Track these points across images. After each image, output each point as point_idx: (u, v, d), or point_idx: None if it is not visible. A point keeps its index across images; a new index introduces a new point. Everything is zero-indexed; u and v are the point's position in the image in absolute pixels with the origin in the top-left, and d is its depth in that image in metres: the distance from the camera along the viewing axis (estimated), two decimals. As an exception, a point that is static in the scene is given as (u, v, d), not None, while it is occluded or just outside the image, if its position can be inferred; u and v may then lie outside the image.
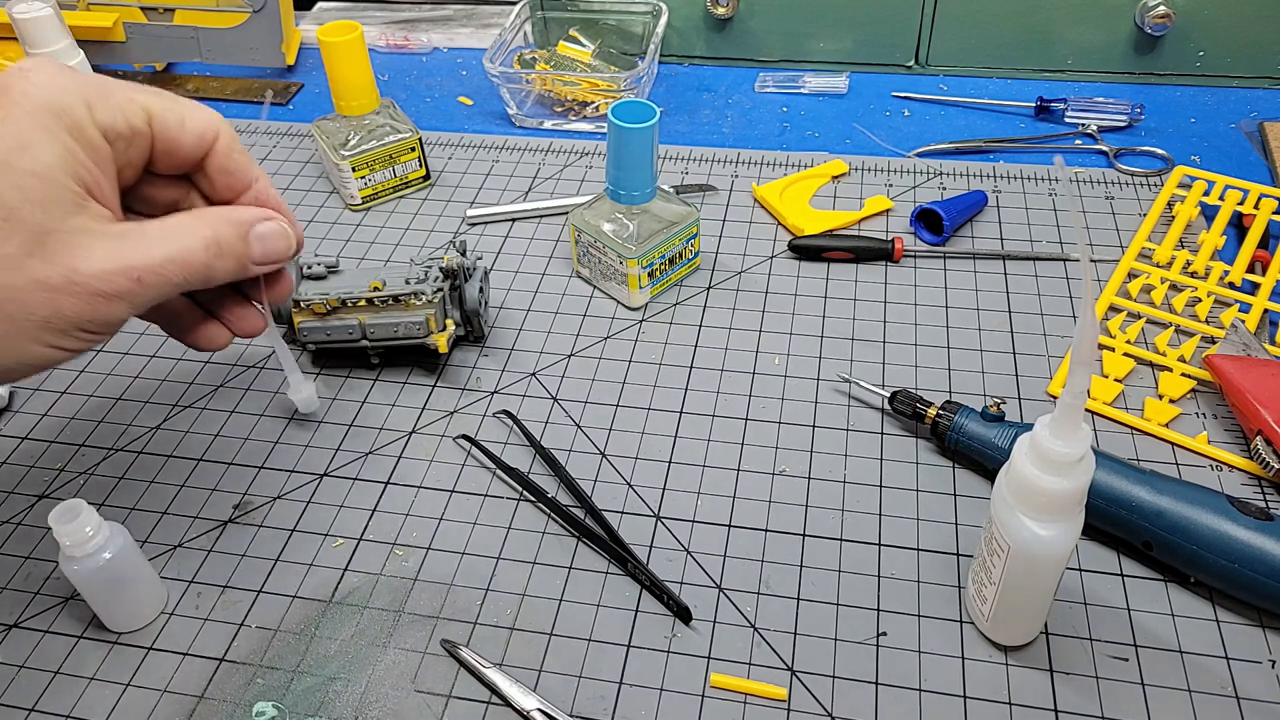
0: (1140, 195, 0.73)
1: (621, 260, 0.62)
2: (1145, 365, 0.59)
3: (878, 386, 0.57)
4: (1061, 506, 0.39)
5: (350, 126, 0.73)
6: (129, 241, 0.42)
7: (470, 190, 0.77)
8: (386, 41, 0.98)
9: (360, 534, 0.52)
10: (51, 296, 0.40)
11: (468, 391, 0.60)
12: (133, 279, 0.41)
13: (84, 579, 0.45)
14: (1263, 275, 0.63)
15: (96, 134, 0.42)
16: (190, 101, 0.46)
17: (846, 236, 0.68)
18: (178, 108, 0.45)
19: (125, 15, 0.89)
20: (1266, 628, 0.45)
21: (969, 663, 0.45)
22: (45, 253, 0.40)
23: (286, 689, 0.45)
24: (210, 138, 0.46)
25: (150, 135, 0.44)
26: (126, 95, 0.43)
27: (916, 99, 0.86)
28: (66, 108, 0.41)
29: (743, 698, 0.44)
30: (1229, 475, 0.52)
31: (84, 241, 0.41)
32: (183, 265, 0.43)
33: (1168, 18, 0.80)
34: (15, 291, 0.39)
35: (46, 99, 0.41)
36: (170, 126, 0.44)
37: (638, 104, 0.59)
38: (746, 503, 0.52)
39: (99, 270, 0.40)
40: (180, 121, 0.45)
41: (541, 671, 0.45)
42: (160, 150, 0.45)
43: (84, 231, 0.41)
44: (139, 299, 0.42)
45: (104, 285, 0.41)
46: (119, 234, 0.42)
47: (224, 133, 0.46)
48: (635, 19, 0.90)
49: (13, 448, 0.57)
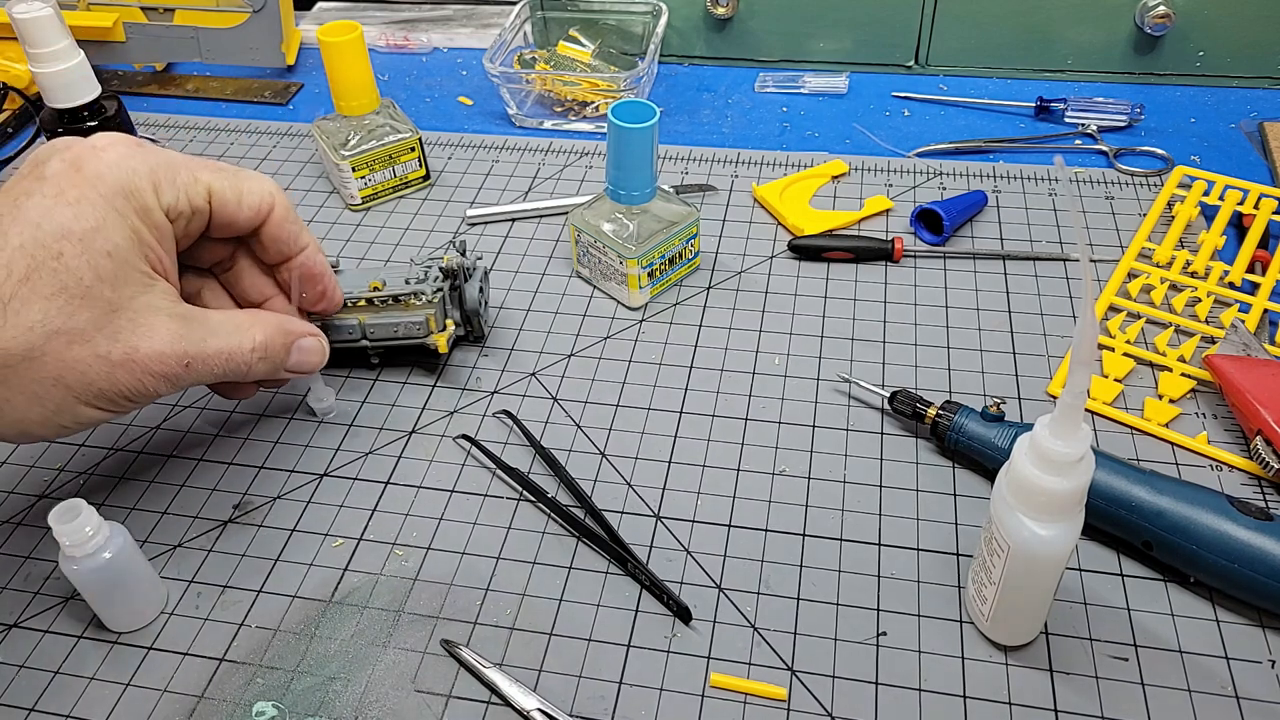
0: (1140, 195, 0.73)
1: (621, 260, 0.62)
2: (1145, 365, 0.59)
3: (878, 386, 0.57)
4: (1061, 506, 0.39)
5: (350, 126, 0.73)
6: (189, 328, 0.45)
7: (470, 190, 0.77)
8: (386, 41, 0.98)
9: (360, 534, 0.52)
10: (110, 370, 0.43)
11: (468, 391, 0.60)
12: (183, 365, 0.45)
13: (84, 579, 0.45)
14: (1263, 275, 0.63)
15: (162, 215, 0.45)
16: (248, 173, 0.49)
17: (846, 236, 0.68)
18: (237, 183, 0.48)
19: (125, 15, 0.89)
20: (1266, 628, 0.45)
21: (969, 663, 0.45)
22: (112, 329, 0.43)
23: (286, 689, 0.45)
24: (265, 210, 0.49)
25: (209, 212, 0.48)
26: (190, 175, 0.46)
27: (916, 99, 0.86)
28: (136, 191, 0.44)
29: (743, 698, 0.44)
30: (1229, 475, 0.52)
31: (148, 321, 0.44)
32: (228, 360, 0.47)
33: (1168, 18, 0.80)
34: (79, 363, 0.42)
35: (118, 182, 0.44)
36: (229, 204, 0.48)
37: (638, 104, 0.59)
38: (746, 503, 0.52)
39: (156, 352, 0.44)
40: (238, 198, 0.48)
41: (541, 671, 0.45)
42: (217, 224, 0.49)
43: (150, 310, 0.44)
44: (183, 382, 0.46)
45: (157, 366, 0.44)
46: (183, 317, 0.46)
47: (279, 204, 0.50)
48: (635, 19, 0.90)
49: (13, 448, 0.57)
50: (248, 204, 0.48)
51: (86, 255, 0.42)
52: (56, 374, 0.42)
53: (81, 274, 0.41)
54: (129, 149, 0.45)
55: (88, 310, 0.42)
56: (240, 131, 0.85)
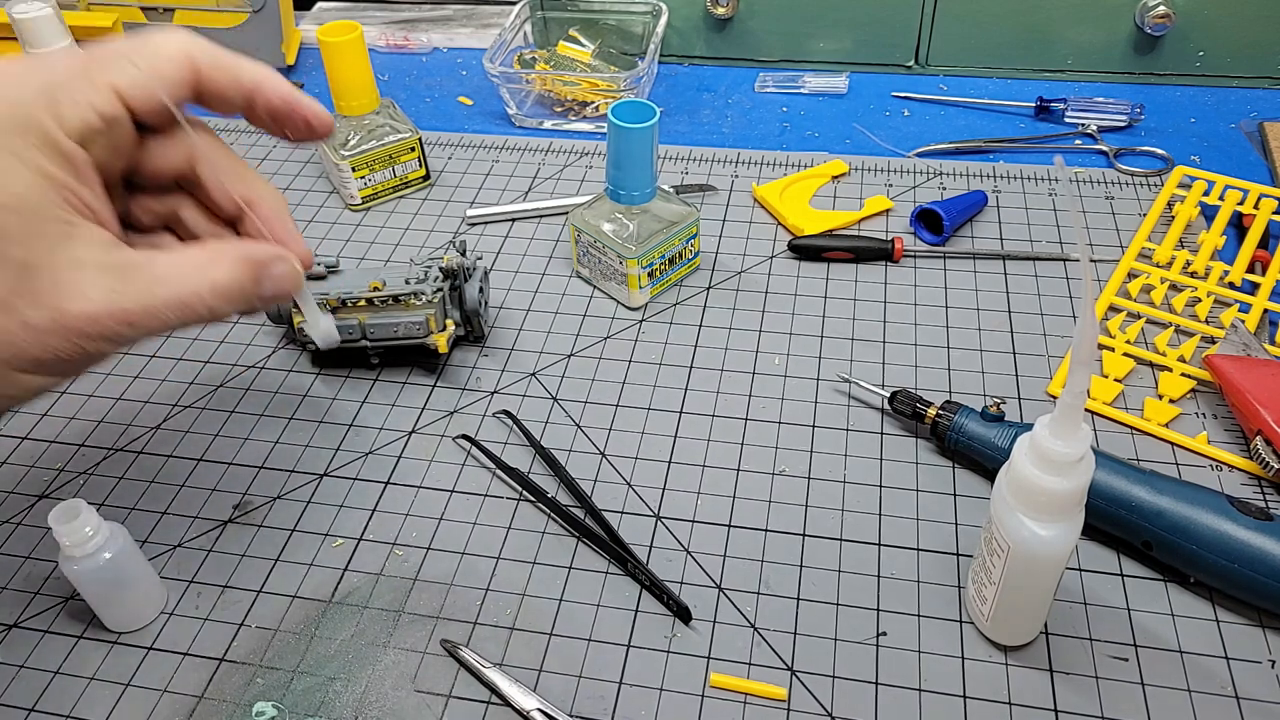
0: (1140, 195, 0.73)
1: (621, 260, 0.62)
2: (1145, 365, 0.59)
3: (878, 386, 0.57)
4: (1061, 506, 0.39)
5: (350, 126, 0.73)
6: (127, 279, 0.39)
7: (470, 190, 0.77)
8: (386, 41, 0.98)
9: (360, 534, 0.52)
10: (40, 337, 0.37)
11: (468, 391, 0.60)
12: (124, 322, 0.39)
13: (84, 579, 0.45)
14: (1263, 275, 0.63)
15: (70, 143, 0.38)
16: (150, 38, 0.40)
17: (846, 236, 0.68)
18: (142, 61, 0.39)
19: (125, 15, 0.89)
20: (1266, 628, 0.45)
21: (969, 663, 0.45)
22: (31, 292, 0.37)
23: (286, 689, 0.45)
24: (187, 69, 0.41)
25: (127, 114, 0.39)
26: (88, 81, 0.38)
27: (916, 99, 0.86)
28: (31, 121, 0.37)
29: (743, 697, 0.44)
30: (1229, 475, 0.52)
31: (74, 278, 0.38)
32: (183, 309, 0.40)
33: (1168, 18, 0.80)
34: (4, 334, 0.37)
35: (8, 117, 0.37)
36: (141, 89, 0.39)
37: (638, 104, 0.59)
38: (746, 503, 0.52)
39: (88, 314, 0.38)
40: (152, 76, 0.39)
41: (541, 671, 0.45)
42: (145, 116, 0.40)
43: (75, 265, 0.38)
44: (130, 339, 0.39)
45: (92, 328, 0.38)
46: (118, 268, 0.39)
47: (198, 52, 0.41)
48: (635, 19, 0.90)
49: (13, 448, 0.57)
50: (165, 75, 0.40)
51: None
52: None
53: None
54: (12, 72, 0.38)
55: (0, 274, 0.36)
56: (240, 131, 0.85)
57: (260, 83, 0.43)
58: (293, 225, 0.46)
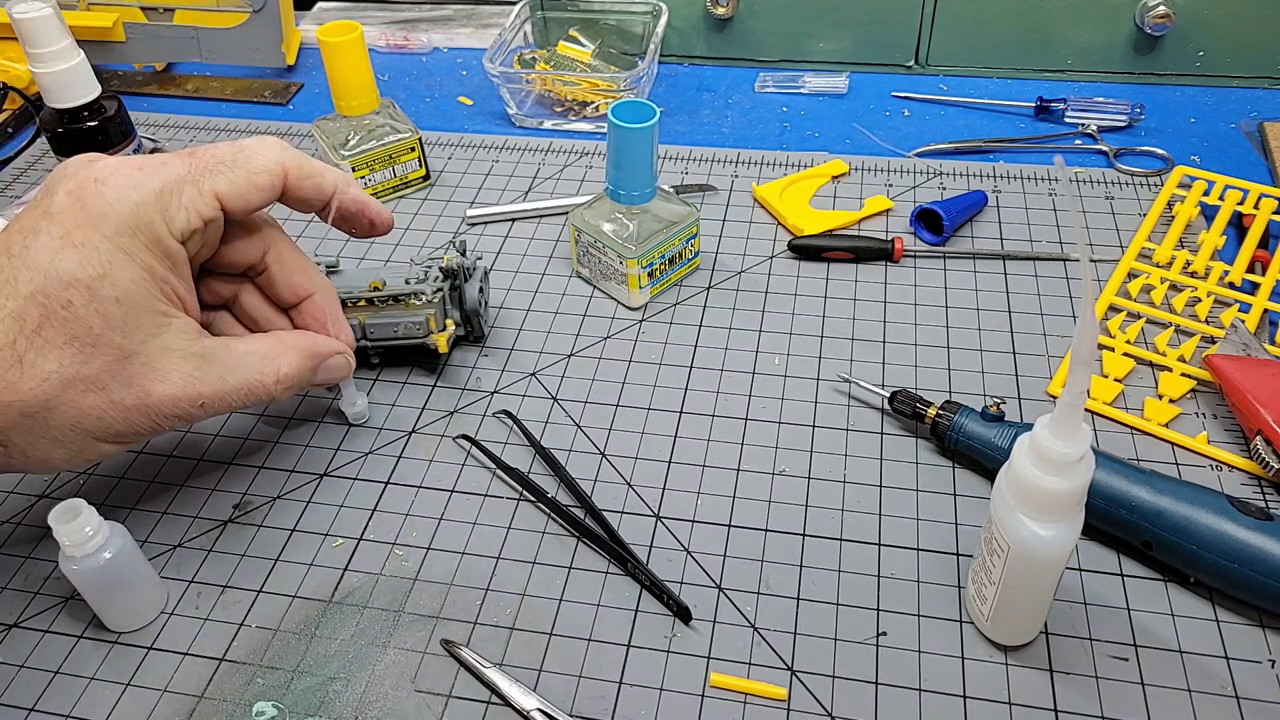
0: (1140, 195, 0.73)
1: (621, 260, 0.62)
2: (1145, 365, 0.59)
3: (878, 386, 0.57)
4: (1061, 506, 0.39)
5: (350, 126, 0.73)
6: (206, 367, 0.44)
7: (470, 190, 0.77)
8: (386, 41, 0.98)
9: (360, 534, 0.52)
10: (125, 414, 0.43)
11: (468, 391, 0.60)
12: (198, 405, 0.44)
13: (84, 579, 0.45)
14: (1263, 275, 0.63)
15: (174, 242, 0.43)
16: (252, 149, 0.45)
17: (846, 236, 0.68)
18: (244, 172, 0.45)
19: (125, 15, 0.89)
20: (1266, 628, 0.45)
21: (969, 663, 0.45)
22: (125, 375, 0.42)
23: (286, 689, 0.45)
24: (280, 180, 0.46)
25: (222, 217, 0.45)
26: (195, 188, 0.44)
27: (916, 99, 0.86)
28: (144, 224, 0.42)
29: (743, 698, 0.44)
30: (1229, 475, 0.52)
31: (162, 364, 0.43)
32: (248, 394, 0.46)
33: (1168, 18, 0.80)
34: (95, 409, 0.42)
35: (124, 218, 0.41)
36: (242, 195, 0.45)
37: (638, 104, 0.59)
38: (746, 503, 0.52)
39: (170, 397, 0.43)
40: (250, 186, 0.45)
41: (541, 671, 0.45)
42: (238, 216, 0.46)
43: (164, 353, 0.43)
44: (199, 418, 0.45)
45: (170, 409, 0.43)
46: (200, 356, 0.44)
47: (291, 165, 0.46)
48: (635, 19, 0.90)
49: (13, 448, 0.57)
50: (260, 185, 0.45)
51: (95, 304, 0.41)
52: (74, 420, 0.42)
53: (91, 323, 0.41)
54: (131, 176, 0.43)
55: (100, 358, 0.41)
56: (240, 132, 0.85)
57: (340, 191, 0.49)
58: (341, 315, 0.51)
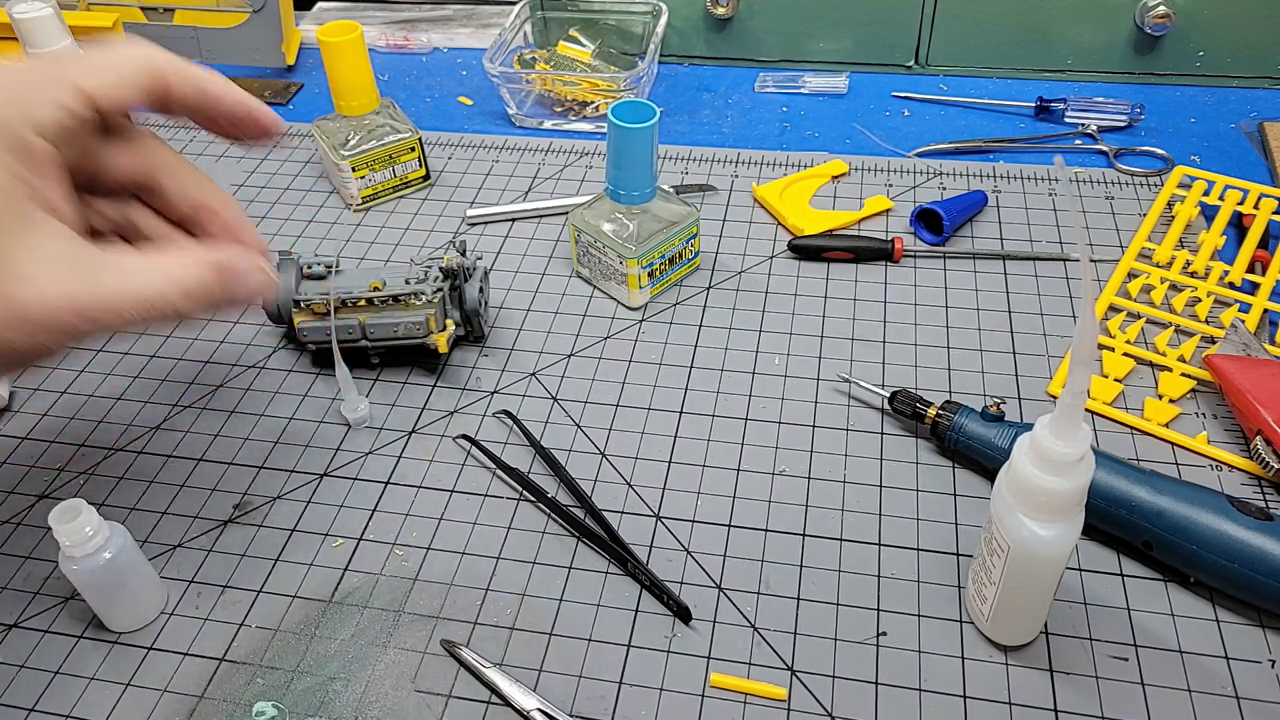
0: (1140, 195, 0.73)
1: (621, 260, 0.62)
2: (1145, 365, 0.59)
3: (878, 386, 0.57)
4: (1061, 506, 0.39)
5: (350, 126, 0.73)
6: (91, 274, 0.39)
7: (470, 190, 0.77)
8: (386, 41, 0.98)
9: (360, 534, 0.52)
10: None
11: (468, 391, 0.60)
12: (81, 315, 0.38)
13: (84, 579, 0.45)
14: (1263, 275, 0.63)
15: (40, 141, 0.39)
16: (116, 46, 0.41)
17: (846, 236, 0.68)
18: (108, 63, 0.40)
19: (125, 15, 0.89)
20: (1266, 628, 0.45)
21: (969, 663, 0.45)
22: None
23: (286, 689, 0.45)
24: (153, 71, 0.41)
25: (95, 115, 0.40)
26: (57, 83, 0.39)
27: (916, 99, 0.86)
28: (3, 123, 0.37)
29: (743, 698, 0.44)
30: (1229, 475, 0.52)
31: (31, 269, 0.37)
32: (146, 307, 0.40)
33: (1168, 18, 0.80)
34: None
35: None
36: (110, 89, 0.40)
37: (638, 104, 0.59)
38: (746, 503, 0.52)
39: (46, 305, 0.38)
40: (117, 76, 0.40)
41: (541, 671, 0.45)
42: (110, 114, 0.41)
43: (35, 257, 0.38)
44: (86, 335, 0.39)
45: (50, 319, 0.38)
46: (80, 263, 0.39)
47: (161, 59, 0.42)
48: (635, 19, 0.90)
49: (13, 448, 0.57)
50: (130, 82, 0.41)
51: None
52: None
53: None
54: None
55: None
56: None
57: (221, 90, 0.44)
58: (251, 228, 0.46)
